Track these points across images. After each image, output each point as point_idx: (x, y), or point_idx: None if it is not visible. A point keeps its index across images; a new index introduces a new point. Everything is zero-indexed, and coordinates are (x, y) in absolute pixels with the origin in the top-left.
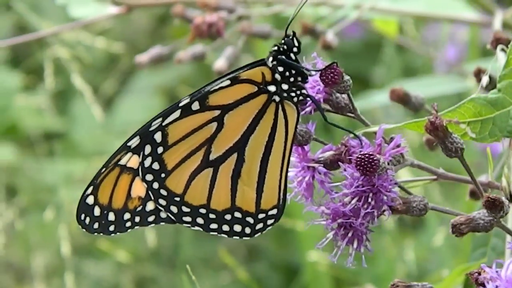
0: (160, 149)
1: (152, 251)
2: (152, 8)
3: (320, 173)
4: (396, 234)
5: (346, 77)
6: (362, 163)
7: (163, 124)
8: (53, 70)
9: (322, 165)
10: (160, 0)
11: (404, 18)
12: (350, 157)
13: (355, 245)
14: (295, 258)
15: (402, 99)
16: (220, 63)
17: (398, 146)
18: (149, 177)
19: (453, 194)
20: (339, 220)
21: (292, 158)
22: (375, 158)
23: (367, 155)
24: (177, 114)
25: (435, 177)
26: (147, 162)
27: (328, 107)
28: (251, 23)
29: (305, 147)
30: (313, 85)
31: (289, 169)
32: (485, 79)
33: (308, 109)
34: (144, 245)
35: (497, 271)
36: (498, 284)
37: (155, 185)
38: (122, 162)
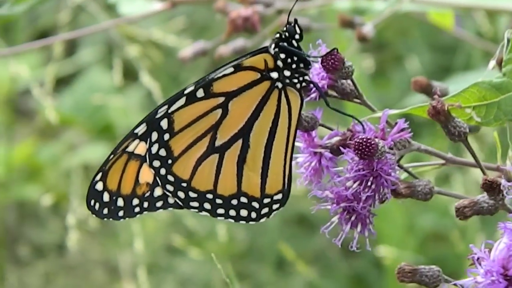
0: (166, 136)
1: (245, 247)
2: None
3: (326, 159)
4: (465, 229)
5: (348, 63)
6: (360, 147)
7: (169, 111)
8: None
9: (328, 150)
10: None
11: (477, 11)
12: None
13: (358, 228)
14: None
15: (424, 89)
16: None
17: (403, 130)
18: (156, 163)
19: None
20: (343, 204)
21: (299, 144)
22: (372, 142)
23: (365, 139)
24: (182, 101)
25: (443, 161)
26: (154, 149)
27: (334, 93)
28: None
29: (312, 132)
30: (319, 72)
31: (299, 155)
32: (491, 63)
33: (313, 95)
34: (238, 242)
35: (486, 252)
36: (485, 264)
37: (162, 171)
38: (130, 149)
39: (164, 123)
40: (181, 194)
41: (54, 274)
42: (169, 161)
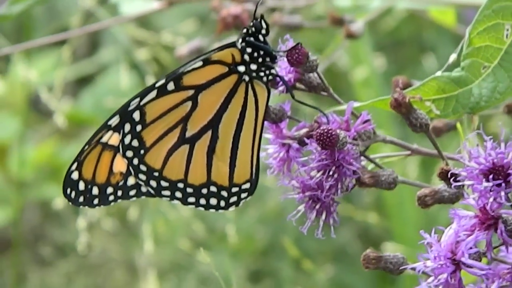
0: (138, 127)
1: (267, 244)
2: None
3: (293, 149)
4: None
5: (312, 57)
6: (322, 138)
7: (141, 103)
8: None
9: (296, 141)
10: None
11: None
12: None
13: (323, 216)
14: None
15: (405, 87)
16: None
17: (366, 122)
18: (129, 153)
19: None
20: (308, 193)
21: (269, 135)
22: (333, 133)
23: (326, 130)
24: (153, 94)
25: (409, 152)
26: (127, 140)
27: (302, 86)
28: (283, 14)
29: (280, 124)
30: (286, 65)
31: (269, 146)
32: (452, 57)
33: (281, 88)
34: (259, 240)
35: (435, 237)
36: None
37: (135, 161)
38: (104, 140)
39: (136, 115)
40: (153, 183)
41: (76, 274)
42: (142, 152)
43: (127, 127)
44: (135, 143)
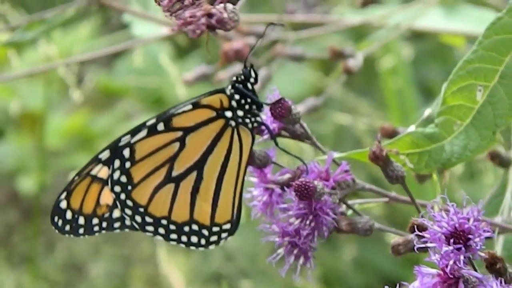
0: (127, 164)
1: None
2: None
3: (276, 194)
4: None
5: (295, 111)
6: (299, 189)
7: (132, 141)
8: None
9: (279, 186)
10: None
11: None
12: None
13: (301, 261)
14: None
15: (390, 135)
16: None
17: (346, 172)
18: (117, 188)
19: None
20: (286, 239)
21: (254, 179)
22: (311, 185)
23: (304, 182)
24: (144, 133)
25: (387, 199)
26: (116, 175)
27: (287, 134)
28: (285, 46)
29: (265, 169)
30: None
31: (253, 189)
32: (427, 112)
33: (266, 136)
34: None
35: None
36: None
37: (122, 196)
38: (93, 172)
39: (126, 152)
40: (138, 218)
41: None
42: (129, 187)
43: (117, 163)
44: (123, 179)
